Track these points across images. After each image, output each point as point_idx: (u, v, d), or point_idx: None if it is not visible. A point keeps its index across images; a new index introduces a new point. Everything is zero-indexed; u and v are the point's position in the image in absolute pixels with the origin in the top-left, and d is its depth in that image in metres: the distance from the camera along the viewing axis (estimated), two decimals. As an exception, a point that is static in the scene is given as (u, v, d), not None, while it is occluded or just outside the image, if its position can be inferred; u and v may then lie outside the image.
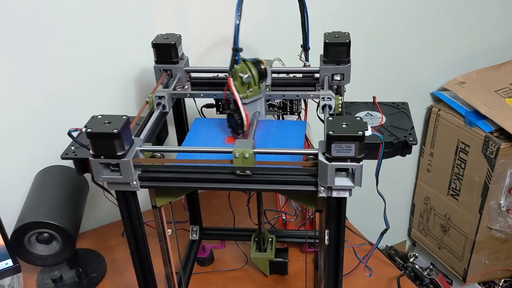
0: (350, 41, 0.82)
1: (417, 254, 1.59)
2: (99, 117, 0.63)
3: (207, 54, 1.16)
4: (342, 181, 0.61)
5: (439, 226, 1.68)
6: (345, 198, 0.64)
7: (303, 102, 0.90)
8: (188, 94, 0.83)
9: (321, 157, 0.60)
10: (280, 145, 0.76)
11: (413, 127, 0.76)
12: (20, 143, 1.07)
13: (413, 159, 1.71)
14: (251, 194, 1.05)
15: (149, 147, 0.67)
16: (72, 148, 0.76)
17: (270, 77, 0.83)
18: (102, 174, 0.65)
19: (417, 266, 1.57)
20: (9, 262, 0.98)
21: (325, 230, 0.69)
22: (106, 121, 0.62)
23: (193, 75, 0.90)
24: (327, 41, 0.82)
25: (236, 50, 0.71)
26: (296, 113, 0.92)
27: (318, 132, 0.81)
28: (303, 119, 0.91)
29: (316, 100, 0.80)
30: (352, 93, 0.90)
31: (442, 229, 1.68)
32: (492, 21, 1.54)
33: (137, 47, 1.05)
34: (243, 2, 0.69)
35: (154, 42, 0.85)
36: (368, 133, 0.59)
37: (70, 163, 0.76)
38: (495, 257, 1.58)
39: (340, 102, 0.75)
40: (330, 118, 0.61)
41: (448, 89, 1.52)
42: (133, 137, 0.67)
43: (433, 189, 1.67)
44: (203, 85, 0.88)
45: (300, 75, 0.89)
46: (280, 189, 0.65)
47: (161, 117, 0.79)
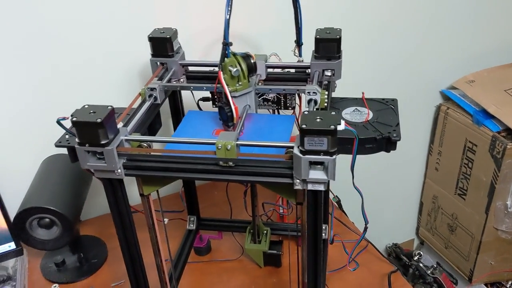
0: (340, 37, 0.83)
1: (421, 253, 1.58)
2: (86, 107, 0.66)
3: (209, 49, 1.18)
4: (316, 174, 0.62)
5: (446, 225, 1.67)
6: (321, 191, 0.65)
7: (297, 97, 0.91)
8: (179, 87, 0.85)
9: (295, 150, 0.62)
10: (266, 138, 0.77)
11: (398, 123, 0.77)
12: (27, 131, 1.12)
13: (422, 157, 1.70)
14: (247, 186, 1.06)
15: (133, 136, 0.69)
16: (67, 136, 0.79)
17: (265, 71, 0.85)
18: (88, 162, 0.68)
19: (421, 265, 1.56)
20: (12, 245, 1.02)
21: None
22: (92, 111, 0.65)
23: (190, 68, 0.92)
24: (318, 36, 0.83)
25: (226, 44, 0.73)
26: (290, 108, 0.93)
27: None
28: (298, 114, 0.92)
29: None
30: (359, 89, 0.90)
31: (449, 229, 1.66)
32: (504, 19, 1.52)
33: (140, 41, 1.08)
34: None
35: (150, 36, 0.88)
36: (341, 127, 0.60)
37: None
38: (502, 258, 1.56)
39: (326, 97, 0.76)
40: (305, 112, 0.62)
41: (457, 87, 1.51)
42: (120, 127, 0.69)
43: (440, 188, 1.66)
44: (197, 78, 0.90)
45: (293, 70, 0.90)
46: (260, 180, 0.67)
47: (153, 108, 0.81)
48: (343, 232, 1.15)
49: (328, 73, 0.84)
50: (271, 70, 0.90)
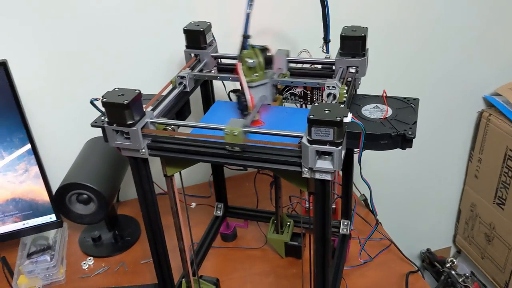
0: (366, 36, 0.85)
1: (454, 260, 1.55)
2: (116, 89, 0.72)
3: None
4: (323, 163, 0.65)
5: (484, 234, 1.63)
6: (328, 181, 0.67)
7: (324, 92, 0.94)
8: (207, 76, 0.90)
9: (304, 140, 0.65)
10: (285, 128, 0.80)
11: (415, 122, 0.77)
12: (74, 114, 1.20)
13: (462, 164, 1.67)
14: (274, 178, 1.10)
15: (157, 119, 0.75)
16: (102, 118, 0.85)
17: (286, 65, 0.88)
18: (116, 140, 0.74)
19: (453, 272, 1.53)
20: (52, 217, 1.11)
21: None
22: (121, 93, 0.71)
23: (223, 61, 0.97)
24: (343, 34, 0.86)
25: (245, 37, 0.77)
26: (316, 103, 0.95)
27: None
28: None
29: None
30: (397, 90, 0.91)
31: (486, 238, 1.62)
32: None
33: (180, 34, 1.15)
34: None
35: (185, 28, 0.93)
36: (348, 119, 0.62)
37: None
38: (539, 273, 1.51)
39: (344, 91, 0.78)
40: (316, 104, 0.65)
41: (500, 94, 1.47)
42: (147, 110, 0.75)
43: (479, 196, 1.62)
44: (228, 70, 0.94)
45: (320, 67, 0.93)
46: (268, 167, 0.70)
47: (182, 95, 0.87)
48: (368, 230, 1.16)
49: (352, 70, 0.86)
50: (299, 65, 0.93)
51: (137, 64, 1.19)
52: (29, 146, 1.03)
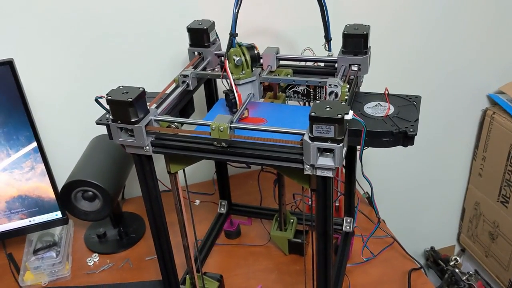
0: (368, 34, 0.85)
1: (458, 258, 1.55)
2: (120, 87, 0.73)
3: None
4: (324, 160, 0.66)
5: (487, 233, 1.63)
6: (329, 178, 0.68)
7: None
8: (209, 75, 0.91)
9: (305, 137, 0.65)
10: (287, 126, 0.81)
11: (417, 119, 0.78)
12: (79, 112, 1.22)
13: (466, 162, 1.67)
14: (277, 176, 1.10)
15: (160, 117, 0.75)
16: (107, 115, 0.86)
17: (276, 63, 0.89)
18: (120, 137, 0.75)
19: (457, 270, 1.53)
20: (58, 214, 1.12)
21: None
22: (125, 91, 0.72)
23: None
24: (345, 32, 0.86)
25: (232, 35, 0.78)
26: (318, 100, 0.96)
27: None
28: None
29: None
30: (400, 88, 0.92)
31: (490, 237, 1.62)
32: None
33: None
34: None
35: (189, 27, 0.94)
36: (349, 117, 0.63)
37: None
38: (544, 271, 1.51)
39: (346, 90, 0.79)
40: (317, 102, 0.66)
41: (504, 92, 1.47)
42: (151, 107, 0.76)
43: (483, 194, 1.62)
44: (231, 68, 0.95)
45: (323, 65, 0.93)
46: (271, 164, 0.71)
47: (184, 94, 0.87)
48: (371, 228, 1.17)
49: (355, 68, 0.87)
50: (295, 63, 0.94)
51: (141, 62, 1.21)
52: (35, 144, 1.04)
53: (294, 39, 1.26)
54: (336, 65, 0.89)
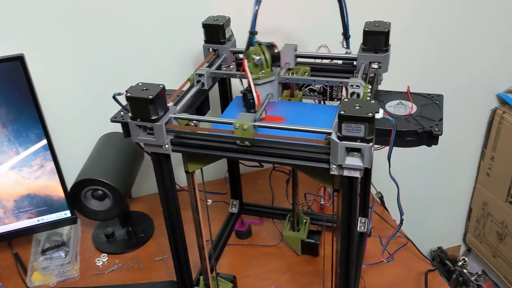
0: (389, 31, 0.84)
1: (466, 258, 1.54)
2: (140, 84, 0.71)
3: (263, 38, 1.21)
4: (352, 160, 0.64)
5: (495, 233, 1.62)
6: (356, 178, 0.66)
7: (344, 88, 0.93)
8: (225, 74, 0.89)
9: (333, 136, 0.64)
10: (307, 125, 0.79)
11: (441, 118, 0.76)
12: (88, 109, 1.20)
13: (474, 162, 1.66)
14: (290, 175, 1.09)
15: (181, 115, 0.74)
16: (122, 113, 0.84)
17: (294, 60, 0.87)
18: (139, 136, 0.73)
19: (465, 271, 1.53)
20: (67, 213, 1.10)
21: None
22: (144, 88, 0.70)
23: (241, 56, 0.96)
24: (366, 29, 0.84)
25: (252, 33, 0.76)
26: (336, 99, 0.95)
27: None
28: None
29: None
30: (411, 85, 0.91)
31: (498, 237, 1.61)
32: None
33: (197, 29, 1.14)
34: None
35: (204, 22, 0.92)
36: (379, 115, 0.61)
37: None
38: (552, 271, 1.50)
39: (369, 90, 0.77)
40: (345, 100, 0.64)
41: (514, 91, 1.46)
42: (170, 105, 0.74)
43: (491, 194, 1.61)
44: (247, 66, 0.93)
45: (341, 62, 0.92)
46: (293, 163, 0.69)
47: (200, 93, 0.85)
48: (385, 228, 1.16)
49: (375, 65, 0.85)
50: (311, 60, 0.92)
51: (152, 59, 1.18)
52: (45, 142, 1.02)
53: (305, 36, 1.24)
54: (355, 63, 0.88)
